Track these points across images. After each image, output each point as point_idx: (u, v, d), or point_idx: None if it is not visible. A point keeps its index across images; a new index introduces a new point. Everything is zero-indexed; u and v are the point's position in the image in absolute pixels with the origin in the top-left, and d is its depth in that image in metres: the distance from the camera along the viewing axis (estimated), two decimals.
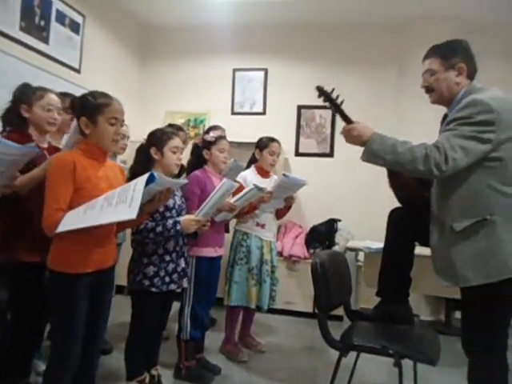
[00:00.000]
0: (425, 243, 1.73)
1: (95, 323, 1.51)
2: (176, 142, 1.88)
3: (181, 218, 1.78)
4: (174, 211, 1.86)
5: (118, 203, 1.29)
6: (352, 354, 1.75)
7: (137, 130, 4.41)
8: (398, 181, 1.82)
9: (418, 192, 1.80)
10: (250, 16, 3.97)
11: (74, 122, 1.67)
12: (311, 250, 3.65)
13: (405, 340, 1.68)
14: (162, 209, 1.81)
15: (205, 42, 4.33)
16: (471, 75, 1.57)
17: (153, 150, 1.86)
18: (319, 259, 1.77)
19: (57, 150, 1.89)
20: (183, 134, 2.85)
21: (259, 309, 2.52)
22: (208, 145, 2.32)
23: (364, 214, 3.86)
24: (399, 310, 1.86)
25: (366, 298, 3.52)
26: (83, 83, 3.52)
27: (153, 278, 1.77)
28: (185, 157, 2.87)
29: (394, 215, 1.92)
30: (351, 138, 1.56)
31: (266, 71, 4.22)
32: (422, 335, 1.78)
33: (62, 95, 2.17)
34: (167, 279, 1.81)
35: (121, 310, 2.28)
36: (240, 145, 3.70)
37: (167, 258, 1.83)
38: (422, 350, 1.60)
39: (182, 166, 2.70)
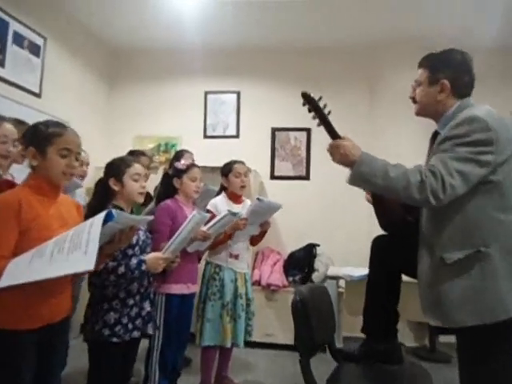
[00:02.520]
0: (412, 274, 1.60)
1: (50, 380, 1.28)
2: (136, 168, 1.72)
3: (146, 257, 1.60)
4: (137, 248, 1.67)
5: (72, 250, 1.09)
6: None
7: (105, 157, 4.19)
8: (381, 206, 1.70)
9: (403, 218, 1.69)
10: (222, 38, 3.91)
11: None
12: (290, 278, 3.50)
13: None
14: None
15: (176, 65, 4.22)
16: (461, 92, 1.43)
17: (111, 181, 1.68)
18: (300, 296, 1.62)
19: (7, 182, 1.69)
20: (146, 159, 2.69)
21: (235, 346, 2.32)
22: (179, 173, 2.16)
23: (343, 238, 3.75)
24: (387, 348, 1.71)
25: (349, 325, 3.38)
26: (44, 108, 3.32)
27: (114, 326, 1.56)
28: (149, 184, 2.72)
29: (377, 244, 1.80)
30: (337, 155, 1.38)
31: (238, 94, 4.14)
32: (413, 377, 1.63)
33: (19, 123, 1.99)
34: (130, 326, 1.60)
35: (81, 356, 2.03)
36: (213, 169, 3.54)
37: (130, 301, 1.62)
38: None
39: (148, 195, 2.53)
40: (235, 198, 2.50)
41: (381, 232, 1.77)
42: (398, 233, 1.69)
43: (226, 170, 2.54)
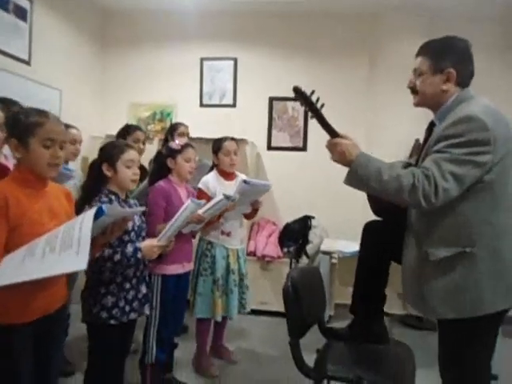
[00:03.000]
0: (399, 261, 1.64)
1: (44, 371, 1.34)
2: (130, 154, 1.70)
3: (141, 244, 1.62)
4: (132, 234, 1.69)
5: (64, 249, 1.11)
6: None
7: (99, 125, 4.14)
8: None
9: (394, 205, 1.70)
10: (219, 2, 3.71)
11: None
12: (285, 249, 3.57)
13: (379, 364, 1.62)
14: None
15: (171, 28, 4.04)
16: (463, 82, 1.39)
17: (105, 167, 1.67)
18: (291, 282, 1.67)
19: (2, 167, 1.67)
20: (141, 134, 2.67)
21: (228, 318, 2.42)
22: (173, 153, 2.14)
23: (339, 211, 3.79)
24: (374, 328, 1.79)
25: (340, 294, 3.51)
26: (35, 76, 3.22)
27: (111, 309, 1.61)
28: (145, 156, 2.70)
29: (368, 229, 1.82)
30: (336, 153, 1.38)
31: (235, 60, 4.00)
32: (397, 356, 1.72)
33: (6, 102, 1.93)
34: (127, 308, 1.66)
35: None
36: (208, 141, 3.48)
37: (127, 285, 1.67)
38: (396, 375, 1.54)
39: (143, 169, 2.51)
40: (226, 175, 2.49)
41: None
42: (388, 219, 1.71)
43: (216, 147, 2.50)
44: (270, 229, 3.76)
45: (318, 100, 1.34)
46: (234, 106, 4.03)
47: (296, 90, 1.33)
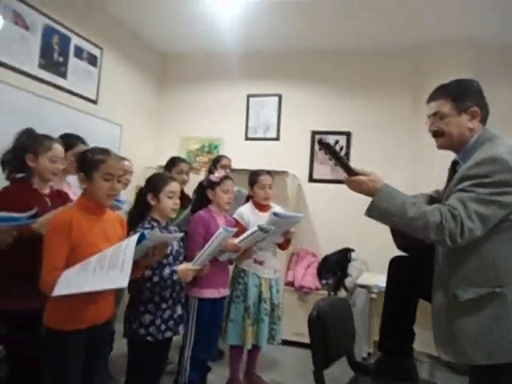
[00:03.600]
0: (427, 298, 1.63)
1: (91, 374, 1.51)
2: (172, 186, 1.89)
3: (178, 268, 1.78)
4: (170, 258, 1.86)
5: (110, 268, 1.29)
6: None
7: (153, 156, 4.52)
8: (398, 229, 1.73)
9: (419, 240, 1.70)
10: (264, 42, 4.00)
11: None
12: (323, 281, 3.58)
13: None
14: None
15: (219, 68, 4.38)
16: (484, 119, 1.44)
17: (149, 196, 1.87)
18: (317, 311, 1.72)
19: (59, 192, 1.93)
20: (186, 166, 2.90)
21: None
22: (212, 185, 2.32)
23: (380, 244, 3.70)
24: (402, 365, 1.77)
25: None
26: (100, 113, 3.64)
27: (148, 326, 1.77)
28: (191, 185, 2.90)
29: (394, 265, 1.84)
30: (357, 190, 1.42)
31: (279, 96, 4.22)
32: None
33: (71, 138, 2.24)
34: (163, 327, 1.80)
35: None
36: None
37: (164, 305, 1.82)
38: None
39: (187, 197, 2.72)
40: (261, 206, 2.61)
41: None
42: (413, 254, 1.72)
43: (252, 180, 2.63)
44: (309, 260, 3.79)
45: (341, 149, 1.45)
46: (277, 139, 4.21)
47: (322, 143, 1.43)
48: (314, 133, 4.11)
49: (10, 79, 2.76)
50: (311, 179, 4.11)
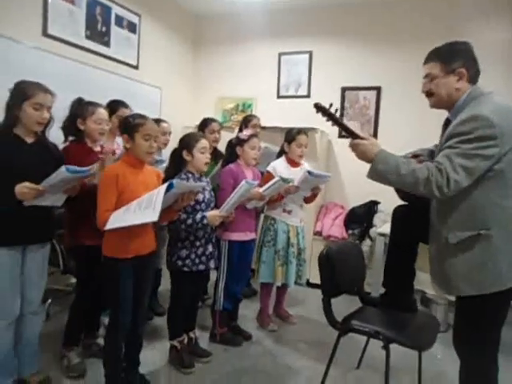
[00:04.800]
0: (427, 242, 1.81)
1: (139, 297, 1.91)
2: (203, 143, 2.18)
3: (207, 214, 2.11)
4: (203, 204, 2.18)
5: (146, 207, 1.64)
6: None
7: (190, 116, 4.81)
8: None
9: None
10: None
11: None
12: (350, 231, 3.81)
13: (400, 326, 1.86)
14: (192, 202, 2.14)
15: (251, 28, 4.49)
16: (473, 79, 1.55)
17: (184, 152, 2.17)
18: (326, 251, 1.99)
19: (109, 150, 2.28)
20: (216, 125, 3.15)
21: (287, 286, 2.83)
22: (241, 142, 2.58)
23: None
24: (403, 299, 2.01)
25: None
26: (141, 78, 3.95)
27: (185, 259, 2.15)
28: (224, 143, 3.17)
29: (397, 213, 2.03)
30: (358, 153, 1.58)
31: (310, 54, 4.28)
32: (421, 323, 1.93)
33: (115, 103, 2.56)
34: (197, 261, 2.17)
35: None
36: (283, 130, 3.87)
37: (197, 243, 2.18)
38: (411, 336, 1.77)
39: (220, 153, 3.00)
40: (293, 162, 2.85)
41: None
42: (413, 204, 1.90)
43: (290, 137, 2.85)
44: (337, 212, 4.02)
45: (336, 111, 1.63)
46: (308, 96, 4.33)
47: (316, 106, 1.61)
48: (343, 89, 4.18)
49: (60, 50, 3.11)
50: (341, 135, 4.23)
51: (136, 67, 3.91)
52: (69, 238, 2.14)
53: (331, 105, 1.63)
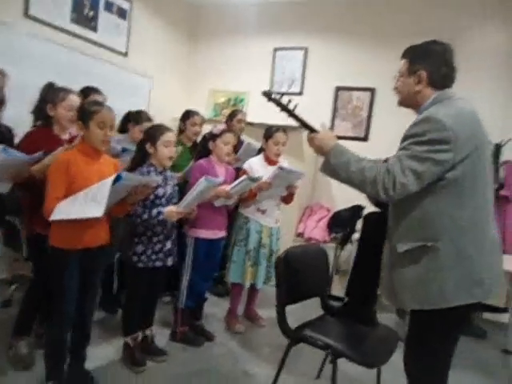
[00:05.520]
0: None
1: (87, 289, 1.85)
2: (168, 136, 2.09)
3: (164, 209, 2.02)
4: (163, 199, 2.11)
5: (92, 200, 1.56)
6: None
7: (180, 108, 4.70)
8: None
9: None
10: None
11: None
12: (333, 235, 3.72)
13: (355, 340, 1.77)
14: (152, 197, 2.07)
15: (248, 22, 4.40)
16: (437, 84, 1.45)
17: (147, 145, 2.09)
18: (284, 255, 1.90)
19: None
20: (199, 118, 3.07)
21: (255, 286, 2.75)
22: (214, 137, 2.49)
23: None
24: (363, 310, 1.93)
25: None
26: (130, 65, 3.87)
27: (141, 255, 2.07)
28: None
29: (368, 220, 1.95)
30: (314, 147, 1.53)
31: (306, 50, 4.17)
32: (379, 338, 1.84)
33: (88, 89, 2.49)
34: (153, 257, 2.09)
35: None
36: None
37: (155, 239, 2.10)
38: (362, 351, 1.68)
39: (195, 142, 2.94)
40: (270, 160, 2.76)
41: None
42: (384, 209, 1.81)
43: (268, 134, 2.76)
44: (322, 214, 3.92)
45: (289, 102, 1.53)
46: (300, 93, 4.22)
47: (266, 94, 1.54)
48: (337, 88, 4.07)
49: (44, 33, 3.04)
50: None
51: (125, 54, 3.84)
52: (26, 224, 2.08)
53: (283, 94, 1.54)
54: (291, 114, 1.57)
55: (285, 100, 1.57)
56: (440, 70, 1.44)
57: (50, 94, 2.07)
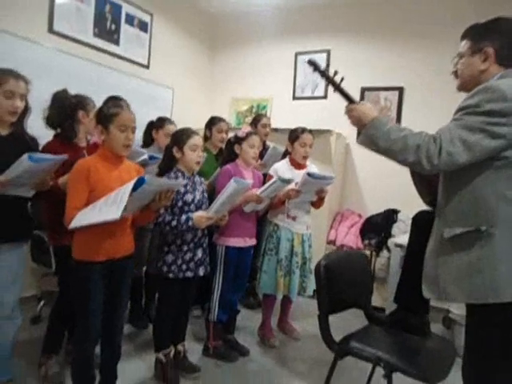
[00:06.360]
0: None
1: (113, 303, 1.74)
2: (195, 140, 2.01)
3: (193, 215, 1.92)
4: (192, 206, 2.01)
5: (112, 204, 1.47)
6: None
7: (203, 118, 4.67)
8: (421, 177, 1.67)
9: None
10: None
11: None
12: (366, 241, 3.54)
13: (408, 352, 1.60)
14: (180, 203, 1.98)
15: (268, 27, 4.35)
16: (505, 62, 1.30)
17: (174, 149, 2.01)
18: (325, 261, 1.76)
19: (95, 145, 2.14)
20: (225, 124, 2.98)
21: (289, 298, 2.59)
22: (239, 140, 2.39)
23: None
24: (414, 319, 1.75)
25: None
26: (151, 77, 3.86)
27: (171, 265, 1.97)
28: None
29: (418, 219, 1.79)
30: (352, 118, 1.43)
31: (328, 52, 4.06)
32: (433, 350, 1.66)
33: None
34: (184, 267, 1.99)
35: None
36: None
37: (185, 247, 2.00)
38: (418, 364, 1.51)
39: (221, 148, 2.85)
40: (297, 164, 2.63)
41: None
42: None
43: (293, 136, 2.64)
44: (354, 220, 3.75)
45: (336, 73, 1.46)
46: (325, 97, 4.10)
47: (310, 62, 1.44)
48: (363, 89, 3.93)
49: (67, 48, 3.06)
50: None
51: (147, 67, 3.83)
52: (50, 237, 2.02)
53: (328, 66, 1.44)
54: (335, 84, 1.48)
55: (331, 73, 1.48)
56: (509, 46, 1.29)
57: (79, 100, 2.01)
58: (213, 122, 3.03)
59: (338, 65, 4.01)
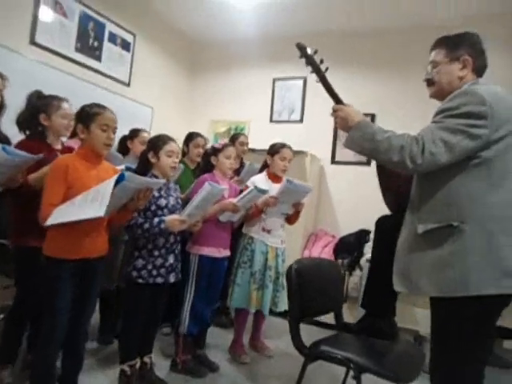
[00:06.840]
0: None
1: (82, 303, 1.69)
2: (171, 146, 2.03)
3: (166, 218, 1.92)
4: (166, 210, 2.00)
5: (92, 201, 1.46)
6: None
7: (182, 138, 4.74)
8: (387, 183, 1.73)
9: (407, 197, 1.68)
10: (289, 26, 4.07)
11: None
12: (339, 261, 3.56)
13: (377, 354, 1.60)
14: (154, 207, 1.97)
15: (247, 54, 4.52)
16: (478, 71, 1.41)
17: (150, 154, 2.03)
18: (296, 265, 1.78)
19: (70, 149, 2.13)
20: (202, 140, 3.03)
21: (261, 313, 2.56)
22: (216, 151, 2.44)
23: None
24: (382, 324, 1.78)
25: None
26: (132, 95, 3.91)
27: (140, 270, 1.93)
28: None
29: (381, 224, 1.85)
30: (338, 119, 1.46)
31: (305, 80, 4.25)
32: (401, 352, 1.67)
33: None
34: (154, 272, 1.95)
35: None
36: None
37: (156, 253, 1.97)
38: (390, 365, 1.51)
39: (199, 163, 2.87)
40: (274, 177, 2.68)
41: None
42: (401, 212, 1.71)
43: (274, 150, 2.70)
44: (327, 240, 3.80)
45: (322, 62, 1.50)
46: (301, 121, 4.25)
47: (299, 46, 1.50)
48: None
49: (49, 60, 3.09)
50: (334, 161, 4.11)
51: (127, 84, 3.89)
52: (14, 237, 1.95)
53: (316, 52, 1.50)
54: (322, 76, 1.54)
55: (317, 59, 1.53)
56: (480, 58, 1.41)
57: (42, 103, 2.01)
58: (190, 137, 3.08)
59: (313, 91, 4.23)
